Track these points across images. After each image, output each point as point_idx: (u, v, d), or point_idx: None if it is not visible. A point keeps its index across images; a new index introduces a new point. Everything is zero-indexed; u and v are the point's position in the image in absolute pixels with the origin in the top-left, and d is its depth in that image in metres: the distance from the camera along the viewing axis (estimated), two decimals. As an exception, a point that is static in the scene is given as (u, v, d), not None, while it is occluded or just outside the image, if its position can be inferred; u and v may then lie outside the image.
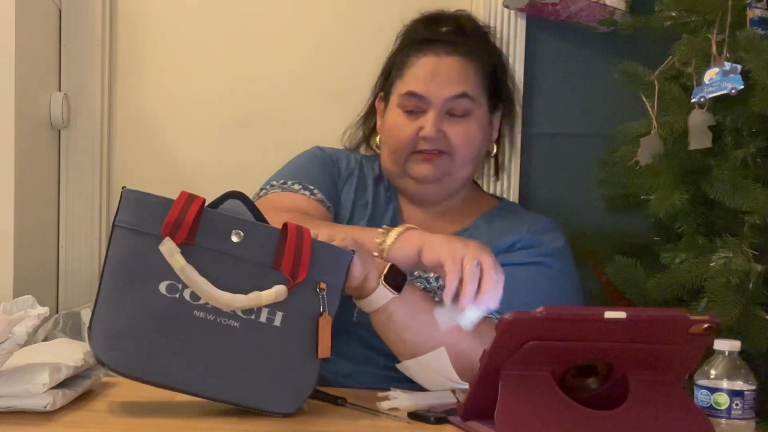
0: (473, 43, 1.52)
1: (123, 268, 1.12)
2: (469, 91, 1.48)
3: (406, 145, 1.48)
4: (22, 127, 1.83)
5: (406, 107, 1.49)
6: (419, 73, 1.49)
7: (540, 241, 1.48)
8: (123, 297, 1.11)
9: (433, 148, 1.47)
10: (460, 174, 1.51)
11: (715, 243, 1.41)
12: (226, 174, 2.07)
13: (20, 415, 1.09)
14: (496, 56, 1.58)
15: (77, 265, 2.08)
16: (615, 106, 1.88)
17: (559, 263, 1.45)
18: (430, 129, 1.46)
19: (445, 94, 1.47)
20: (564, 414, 1.02)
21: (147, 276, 1.11)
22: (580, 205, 1.89)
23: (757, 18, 1.45)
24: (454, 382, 1.21)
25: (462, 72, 1.49)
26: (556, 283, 1.43)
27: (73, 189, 2.08)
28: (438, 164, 1.48)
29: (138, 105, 2.11)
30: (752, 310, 1.38)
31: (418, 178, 1.50)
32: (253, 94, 2.09)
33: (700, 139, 1.43)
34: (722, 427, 1.09)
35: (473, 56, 1.50)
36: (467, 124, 1.49)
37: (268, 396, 1.12)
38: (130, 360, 1.10)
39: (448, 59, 1.49)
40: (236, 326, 1.12)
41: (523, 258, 1.44)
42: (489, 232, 1.50)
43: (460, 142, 1.47)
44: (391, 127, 1.52)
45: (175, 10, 2.11)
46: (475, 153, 1.51)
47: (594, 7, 1.85)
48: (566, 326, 1.00)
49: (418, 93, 1.48)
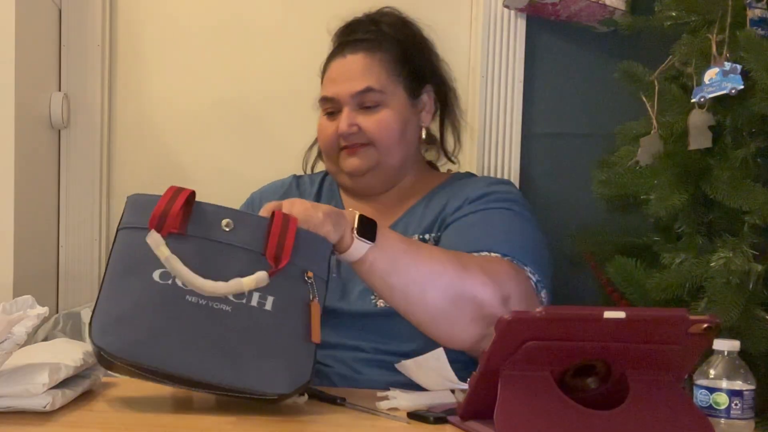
0: (379, 36, 1.60)
1: (121, 260, 1.15)
2: (374, 84, 1.55)
3: (330, 144, 1.58)
4: (22, 127, 1.84)
5: (326, 111, 1.60)
6: (328, 78, 1.60)
7: (491, 190, 1.52)
8: (120, 287, 1.14)
9: (352, 142, 1.55)
10: (389, 161, 1.56)
11: (715, 243, 1.41)
12: (225, 174, 2.07)
13: (20, 415, 1.09)
14: (406, 40, 1.63)
15: (77, 265, 2.08)
16: (615, 106, 1.88)
17: (510, 205, 1.49)
18: (342, 126, 1.55)
19: (350, 91, 1.55)
20: (563, 414, 1.02)
21: (142, 265, 1.14)
22: (580, 205, 1.89)
23: (757, 18, 1.45)
24: (452, 382, 1.21)
25: (364, 67, 1.56)
26: (509, 220, 1.46)
27: (73, 189, 2.08)
28: (362, 155, 1.55)
29: (138, 105, 2.12)
30: (752, 310, 1.37)
31: (349, 172, 1.57)
32: (252, 94, 2.09)
33: (700, 139, 1.43)
34: (721, 426, 1.09)
35: (377, 49, 1.58)
36: (380, 114, 1.55)
37: (262, 377, 1.12)
38: (125, 344, 1.10)
39: (351, 58, 1.57)
40: (227, 310, 1.14)
41: (474, 208, 1.48)
42: (429, 207, 1.55)
43: (376, 131, 1.54)
44: (318, 132, 1.62)
45: (175, 11, 2.11)
46: (396, 138, 1.56)
47: (594, 7, 1.85)
48: (566, 326, 1.00)
49: (328, 96, 1.58)
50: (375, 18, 1.64)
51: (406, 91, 1.59)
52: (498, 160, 1.99)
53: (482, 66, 1.98)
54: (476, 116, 2.00)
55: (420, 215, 1.55)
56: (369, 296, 1.46)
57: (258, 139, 2.09)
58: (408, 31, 1.65)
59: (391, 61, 1.58)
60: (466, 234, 1.43)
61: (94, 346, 1.11)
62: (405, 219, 1.56)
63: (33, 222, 1.94)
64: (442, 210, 1.52)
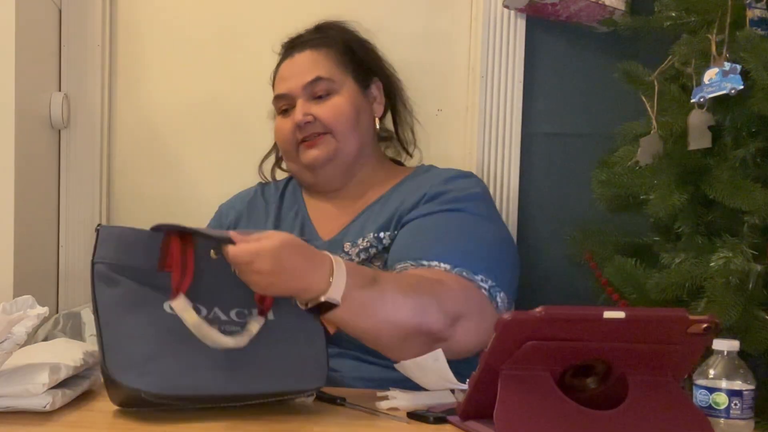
0: (323, 36, 1.66)
1: (123, 298, 1.14)
2: (323, 74, 1.60)
3: (288, 139, 1.62)
4: (22, 127, 1.84)
5: (280, 110, 1.65)
6: (279, 78, 1.66)
7: (448, 188, 1.53)
8: (132, 325, 1.13)
9: (309, 133, 1.59)
10: (347, 148, 1.60)
11: (715, 243, 1.41)
12: (225, 174, 2.07)
13: (20, 415, 1.09)
14: (349, 38, 1.69)
15: (77, 265, 2.08)
16: (615, 106, 1.88)
17: (467, 206, 1.50)
18: (297, 116, 1.59)
19: (301, 82, 1.60)
20: (563, 414, 1.02)
21: (146, 302, 1.14)
22: (580, 205, 1.89)
23: (756, 18, 1.45)
24: (451, 383, 1.21)
25: (312, 61, 1.62)
26: (464, 223, 1.47)
27: (73, 189, 2.08)
28: (320, 145, 1.59)
29: (138, 105, 2.11)
30: (752, 310, 1.37)
31: (310, 164, 1.60)
32: (252, 94, 2.09)
33: (700, 139, 1.43)
34: (721, 426, 1.09)
35: (322, 45, 1.64)
36: (332, 100, 1.60)
37: (295, 377, 1.17)
38: (164, 380, 1.11)
39: (299, 56, 1.64)
40: (238, 329, 1.17)
41: (430, 208, 1.50)
42: (388, 204, 1.56)
43: (331, 116, 1.59)
44: (276, 133, 1.67)
45: (174, 11, 2.11)
46: (352, 123, 1.60)
47: (594, 7, 1.85)
48: (565, 326, 1.00)
49: (281, 93, 1.64)
50: (318, 26, 1.71)
51: (355, 81, 1.64)
52: (498, 160, 1.99)
53: (482, 66, 1.98)
54: (476, 116, 2.00)
55: (377, 212, 1.56)
56: None
57: (258, 139, 2.09)
58: (349, 32, 1.71)
59: (337, 53, 1.64)
60: (418, 240, 1.45)
61: (128, 389, 1.09)
62: (364, 215, 1.58)
63: (33, 222, 1.94)
64: (400, 205, 1.53)
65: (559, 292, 1.92)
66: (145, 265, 1.16)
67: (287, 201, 1.69)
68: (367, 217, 1.57)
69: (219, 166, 2.09)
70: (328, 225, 1.61)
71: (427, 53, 2.03)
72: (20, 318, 1.11)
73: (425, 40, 2.04)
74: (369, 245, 1.51)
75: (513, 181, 1.99)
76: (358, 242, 1.52)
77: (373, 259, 1.50)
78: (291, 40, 1.71)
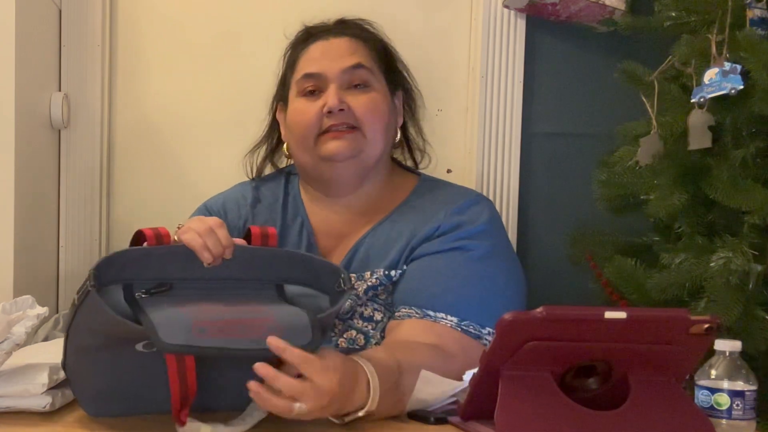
0: (362, 30, 1.54)
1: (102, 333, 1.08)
2: (364, 62, 1.47)
3: (312, 125, 1.44)
4: (22, 127, 1.83)
5: (305, 90, 1.47)
6: (311, 57, 1.49)
7: (458, 222, 1.44)
8: (100, 361, 1.09)
9: (339, 122, 1.43)
10: (372, 150, 1.46)
11: (715, 243, 1.41)
12: (225, 174, 2.07)
13: (19, 415, 1.09)
14: (383, 41, 1.57)
15: (77, 265, 2.07)
16: (615, 106, 1.88)
17: (479, 244, 1.42)
18: (332, 100, 1.42)
19: (341, 66, 1.45)
20: (564, 414, 1.02)
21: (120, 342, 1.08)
22: (580, 205, 1.89)
23: (756, 18, 1.45)
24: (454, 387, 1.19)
25: (353, 47, 1.48)
26: (474, 267, 1.40)
27: (73, 189, 2.08)
28: (349, 139, 1.43)
29: (138, 105, 2.11)
30: (752, 310, 1.38)
31: (332, 155, 1.43)
32: (252, 94, 2.08)
33: (700, 139, 1.43)
34: (723, 427, 1.09)
35: (361, 38, 1.51)
36: (370, 94, 1.46)
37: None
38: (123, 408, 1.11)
39: (336, 40, 1.49)
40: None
41: (441, 245, 1.42)
42: (396, 229, 1.47)
43: (367, 112, 1.44)
44: (295, 116, 1.48)
45: (174, 11, 2.11)
46: (384, 125, 1.47)
47: (594, 7, 1.85)
48: (566, 326, 1.00)
49: (313, 72, 1.46)
50: (349, 19, 1.58)
51: (387, 85, 1.52)
52: (498, 160, 1.99)
53: (482, 66, 1.98)
54: (476, 116, 2.00)
55: (384, 240, 1.46)
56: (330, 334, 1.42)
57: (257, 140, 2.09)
58: (382, 36, 1.59)
59: (375, 51, 1.52)
60: (426, 285, 1.37)
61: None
62: (369, 240, 1.48)
63: (33, 222, 1.94)
64: (411, 238, 1.44)
65: (559, 292, 1.92)
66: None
67: (290, 212, 1.56)
68: (372, 243, 1.47)
69: (219, 166, 2.09)
70: (331, 241, 1.51)
71: (427, 53, 2.03)
72: (20, 318, 1.11)
73: (425, 40, 2.04)
74: (378, 282, 1.43)
75: (513, 181, 1.99)
76: (365, 276, 1.44)
77: (380, 294, 1.43)
78: (319, 25, 1.57)
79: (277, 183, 1.62)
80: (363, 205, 1.51)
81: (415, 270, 1.41)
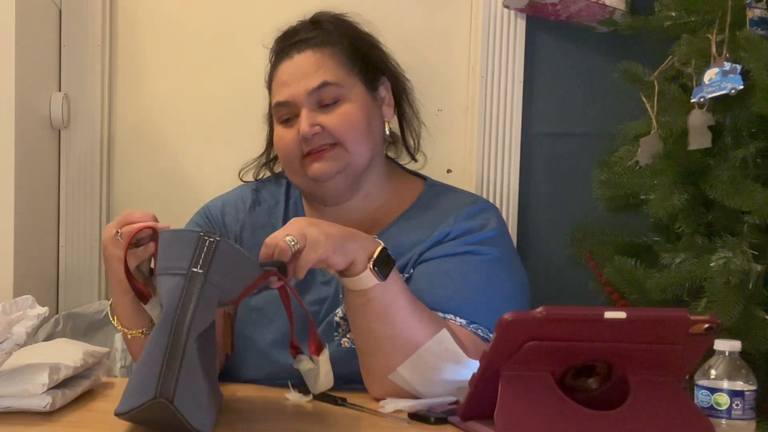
0: (324, 32, 1.50)
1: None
2: (329, 78, 1.45)
3: (291, 152, 1.46)
4: (22, 127, 1.83)
5: (281, 118, 1.48)
6: (279, 82, 1.49)
7: (468, 228, 1.43)
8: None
9: (317, 145, 1.43)
10: (359, 160, 1.45)
11: (715, 243, 1.41)
12: (225, 174, 2.07)
13: (20, 415, 1.09)
14: (353, 34, 1.53)
15: (77, 265, 2.08)
16: (615, 106, 1.88)
17: (488, 249, 1.41)
18: (303, 127, 1.42)
19: (306, 88, 1.44)
20: (564, 414, 1.02)
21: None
22: (580, 205, 1.89)
23: (757, 18, 1.45)
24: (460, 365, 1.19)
25: (316, 63, 1.46)
26: (484, 271, 1.39)
27: (73, 189, 2.08)
28: (329, 158, 1.43)
29: (138, 105, 2.11)
30: (752, 310, 1.38)
31: (316, 177, 1.44)
32: (252, 94, 2.08)
33: (700, 139, 1.44)
34: (723, 427, 1.09)
35: (325, 44, 1.48)
36: (342, 108, 1.44)
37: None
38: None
39: (300, 57, 1.47)
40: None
41: (451, 249, 1.41)
42: (404, 234, 1.46)
43: (341, 127, 1.43)
44: (277, 143, 1.51)
45: (174, 11, 2.11)
46: (364, 133, 1.45)
47: (594, 7, 1.85)
48: (566, 326, 1.00)
49: (282, 101, 1.47)
50: (313, 19, 1.54)
51: (363, 83, 1.49)
52: (498, 160, 1.99)
53: (482, 66, 1.98)
54: (476, 116, 2.00)
55: (393, 244, 1.41)
56: (333, 333, 1.41)
57: (259, 139, 2.09)
58: (349, 25, 1.54)
59: (342, 53, 1.48)
60: (435, 287, 1.36)
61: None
62: (386, 235, 1.45)
63: (33, 222, 1.94)
64: (419, 244, 1.43)
65: (559, 292, 1.92)
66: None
67: (291, 213, 1.55)
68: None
69: (219, 166, 2.09)
70: None
71: (427, 53, 2.03)
72: (20, 318, 1.11)
73: (425, 40, 2.04)
74: None
75: (513, 181, 1.99)
76: None
77: None
78: (285, 35, 1.54)
79: (278, 186, 1.61)
80: (365, 211, 1.51)
81: (424, 272, 1.40)
